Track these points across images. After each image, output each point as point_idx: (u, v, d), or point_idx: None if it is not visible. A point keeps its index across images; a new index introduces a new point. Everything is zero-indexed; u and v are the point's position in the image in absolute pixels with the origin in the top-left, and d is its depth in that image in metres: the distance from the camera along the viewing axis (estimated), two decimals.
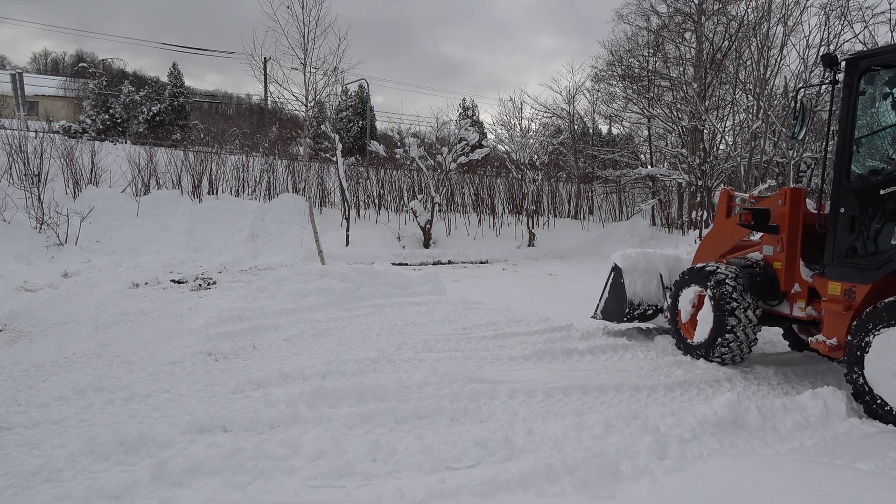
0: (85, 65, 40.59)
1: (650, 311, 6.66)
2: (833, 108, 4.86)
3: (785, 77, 18.96)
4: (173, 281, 10.79)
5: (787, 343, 6.38)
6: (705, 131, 19.20)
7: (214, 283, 10.72)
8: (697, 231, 17.15)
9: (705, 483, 3.21)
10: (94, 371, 5.25)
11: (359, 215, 18.26)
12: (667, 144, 22.81)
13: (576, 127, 25.50)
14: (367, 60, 31.59)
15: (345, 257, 14.55)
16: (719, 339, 5.32)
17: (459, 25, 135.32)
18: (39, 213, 13.42)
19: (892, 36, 15.33)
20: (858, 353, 4.20)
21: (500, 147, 22.53)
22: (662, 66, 21.18)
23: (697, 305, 5.67)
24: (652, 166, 22.38)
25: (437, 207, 18.08)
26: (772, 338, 6.78)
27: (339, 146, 16.28)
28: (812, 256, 5.09)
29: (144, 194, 16.22)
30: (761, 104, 17.09)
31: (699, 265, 5.73)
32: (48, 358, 5.63)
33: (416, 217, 17.43)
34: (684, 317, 5.80)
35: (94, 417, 4.13)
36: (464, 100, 40.40)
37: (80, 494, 3.03)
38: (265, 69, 15.96)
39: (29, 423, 3.99)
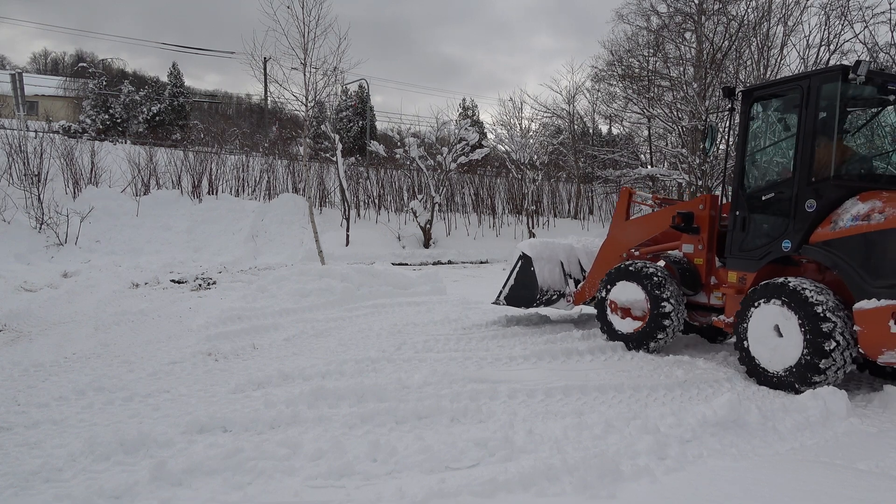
0: (85, 65, 40.59)
1: (555, 297, 7.15)
2: (732, 131, 5.77)
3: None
4: (173, 281, 10.79)
5: (695, 329, 6.87)
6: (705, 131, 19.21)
7: (214, 283, 10.72)
8: None
9: (705, 483, 3.21)
10: (94, 371, 5.25)
11: (359, 215, 18.26)
12: (667, 144, 22.80)
13: (576, 127, 25.50)
14: (367, 60, 31.69)
15: (345, 257, 14.55)
16: (656, 331, 5.86)
17: (458, 25, 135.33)
18: (39, 213, 13.42)
19: (893, 36, 15.35)
20: (744, 325, 5.08)
21: (500, 147, 22.54)
22: (662, 66, 21.17)
23: (632, 300, 6.06)
24: (652, 166, 22.38)
25: (437, 207, 18.08)
26: None
27: (339, 146, 16.29)
28: (719, 252, 5.88)
29: (144, 194, 16.22)
30: None
31: (633, 262, 6.23)
32: (48, 358, 5.63)
33: (416, 217, 17.43)
34: (616, 309, 6.23)
35: (94, 417, 4.13)
36: (464, 100, 40.42)
37: (80, 494, 3.03)
38: (265, 69, 15.97)
39: (29, 423, 3.99)
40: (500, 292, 7.29)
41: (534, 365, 5.51)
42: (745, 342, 5.08)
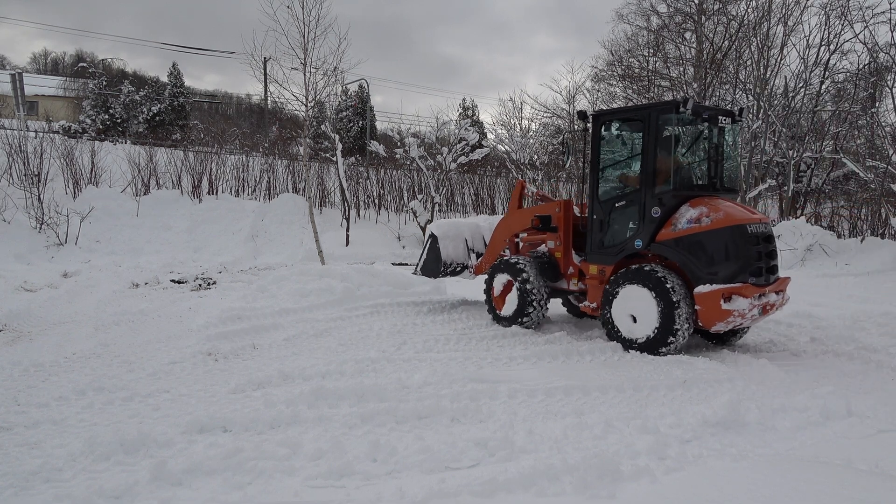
0: (85, 65, 40.58)
1: (459, 269, 8.29)
2: (586, 148, 6.63)
3: (785, 77, 18.95)
4: (173, 281, 10.79)
5: (566, 309, 8.15)
6: None
7: (214, 283, 10.72)
8: None
9: (705, 483, 3.21)
10: (94, 371, 5.25)
11: (359, 215, 18.26)
12: None
13: (576, 127, 25.48)
14: (367, 61, 31.66)
15: (345, 257, 14.55)
16: (524, 311, 6.99)
17: (457, 25, 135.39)
18: (39, 213, 13.42)
19: (893, 36, 15.35)
20: (610, 299, 6.20)
21: (500, 147, 22.53)
22: (662, 66, 21.18)
23: (506, 287, 7.23)
24: None
25: (437, 207, 18.08)
26: (774, 339, 6.78)
27: (339, 146, 16.28)
28: (579, 247, 7.07)
29: (144, 194, 16.22)
30: (761, 104, 17.09)
31: (507, 258, 7.42)
32: (48, 358, 5.63)
33: (416, 217, 17.43)
34: (496, 294, 7.37)
35: (94, 417, 4.13)
36: (464, 100, 40.42)
37: (80, 494, 3.03)
38: (265, 69, 15.96)
39: (29, 423, 3.99)
40: (417, 265, 8.52)
41: (534, 365, 5.51)
42: (611, 318, 6.21)
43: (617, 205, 6.45)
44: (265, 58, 12.38)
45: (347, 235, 16.22)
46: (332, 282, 8.81)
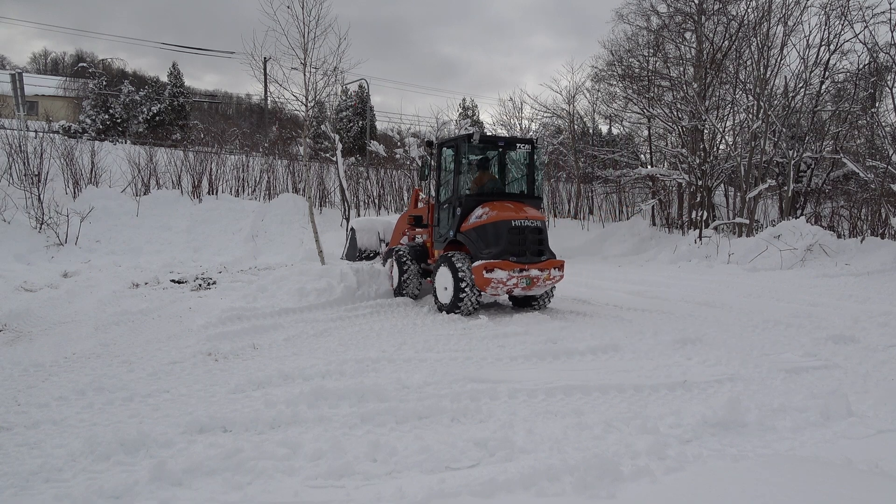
0: (85, 65, 40.59)
1: (372, 255, 10.74)
2: (433, 166, 9.10)
3: (785, 77, 18.95)
4: (173, 281, 10.79)
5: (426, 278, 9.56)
6: (705, 131, 19.18)
7: (214, 283, 10.72)
8: (698, 231, 17.14)
9: (705, 483, 3.21)
10: (94, 371, 5.25)
11: (359, 215, 18.26)
12: (667, 144, 22.79)
13: (576, 127, 25.48)
14: (367, 61, 31.62)
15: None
16: (402, 285, 9.03)
17: (455, 26, 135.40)
18: (39, 213, 13.42)
19: (893, 36, 15.35)
20: (434, 275, 8.39)
21: None
22: (662, 66, 21.16)
23: (392, 268, 9.42)
24: (652, 166, 22.37)
25: None
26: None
27: (339, 146, 16.28)
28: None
29: (144, 194, 16.22)
30: (761, 104, 17.08)
31: (395, 247, 9.77)
32: (48, 358, 5.63)
33: None
34: (391, 272, 9.49)
35: (94, 417, 4.14)
36: (464, 99, 40.42)
37: (80, 494, 3.03)
38: (265, 69, 15.95)
39: (29, 423, 3.99)
40: (343, 253, 11.07)
41: (534, 365, 5.51)
42: (434, 289, 8.39)
43: (443, 207, 8.71)
44: (265, 58, 12.36)
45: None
46: (332, 282, 8.82)
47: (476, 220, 8.04)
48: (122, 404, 4.39)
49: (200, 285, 10.39)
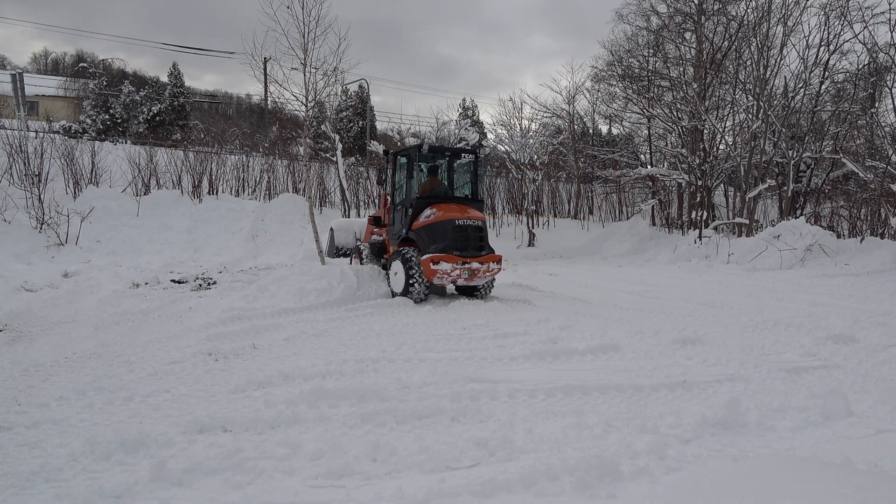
0: (85, 65, 40.59)
1: (348, 252, 11.62)
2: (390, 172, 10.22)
3: (785, 77, 18.95)
4: (173, 281, 10.79)
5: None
6: (705, 131, 19.19)
7: (214, 283, 10.72)
8: (697, 231, 17.14)
9: (705, 483, 3.21)
10: (94, 371, 5.25)
11: (359, 215, 18.26)
12: (667, 144, 22.80)
13: (576, 127, 25.49)
14: (367, 61, 31.61)
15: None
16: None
17: (453, 26, 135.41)
18: (40, 213, 13.43)
19: (893, 36, 15.34)
20: (390, 267, 9.29)
21: (499, 147, 22.52)
22: (662, 66, 21.17)
23: (355, 260, 11.22)
24: (652, 166, 22.38)
25: None
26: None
27: (339, 146, 16.28)
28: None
29: (144, 194, 16.23)
30: (761, 104, 17.09)
31: (359, 244, 11.16)
32: (48, 358, 5.63)
33: None
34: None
35: (94, 417, 4.13)
36: (464, 100, 40.41)
37: (80, 494, 3.03)
38: (265, 69, 15.95)
39: (29, 422, 3.99)
40: (325, 252, 11.76)
41: (534, 365, 5.51)
42: (388, 278, 9.35)
43: (398, 208, 9.72)
44: (265, 58, 12.37)
45: None
46: (332, 282, 8.82)
47: (425, 219, 9.00)
48: (122, 404, 4.39)
49: (201, 285, 10.40)
